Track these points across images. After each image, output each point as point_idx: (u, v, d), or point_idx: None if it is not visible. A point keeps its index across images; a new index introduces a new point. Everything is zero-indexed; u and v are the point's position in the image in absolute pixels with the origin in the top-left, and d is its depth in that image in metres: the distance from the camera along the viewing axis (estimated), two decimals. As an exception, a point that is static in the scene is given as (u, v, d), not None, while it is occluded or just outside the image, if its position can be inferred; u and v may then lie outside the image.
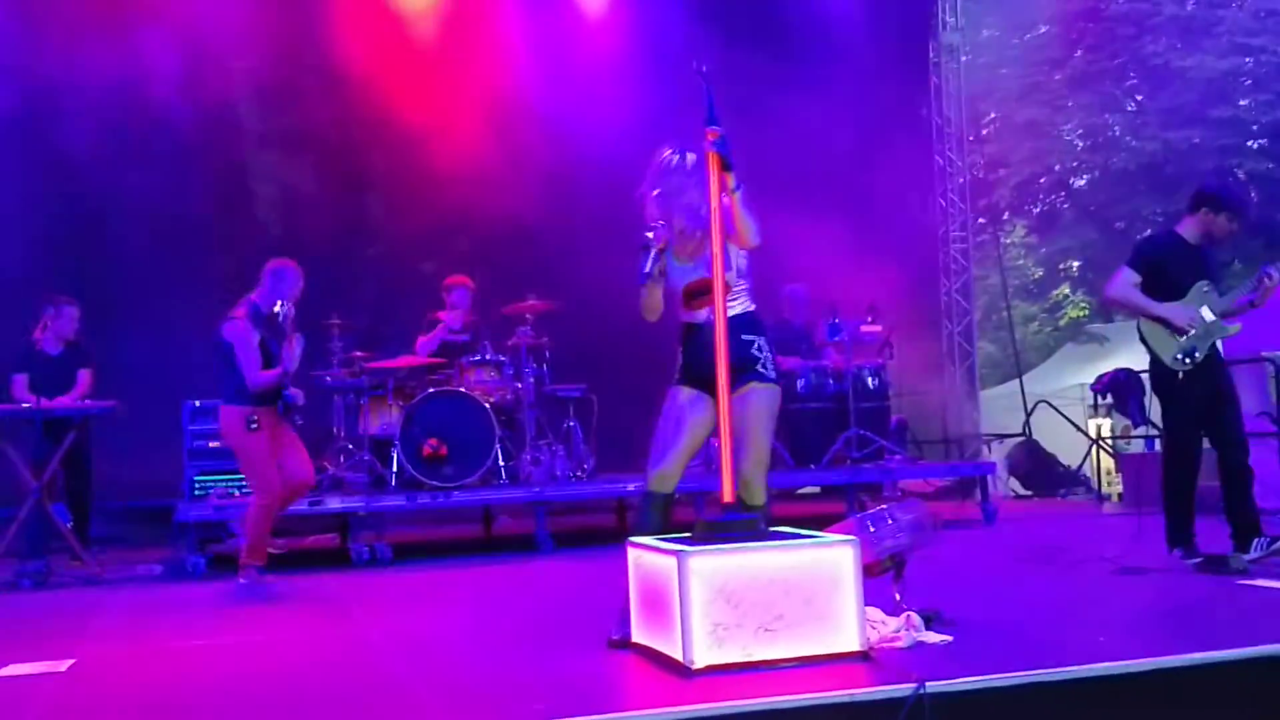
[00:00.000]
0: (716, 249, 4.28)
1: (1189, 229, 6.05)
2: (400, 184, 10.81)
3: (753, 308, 4.54)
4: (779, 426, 9.41)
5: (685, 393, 4.53)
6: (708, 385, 4.40)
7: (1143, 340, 6.03)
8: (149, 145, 10.05)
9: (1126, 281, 5.98)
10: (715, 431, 4.38)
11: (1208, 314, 5.88)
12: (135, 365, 8.98)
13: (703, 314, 4.47)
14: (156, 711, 3.78)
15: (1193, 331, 5.86)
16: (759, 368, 4.42)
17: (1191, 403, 5.93)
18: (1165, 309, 5.89)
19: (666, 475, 4.48)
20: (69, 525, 8.00)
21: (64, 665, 4.50)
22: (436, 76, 10.64)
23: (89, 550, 7.91)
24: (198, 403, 8.81)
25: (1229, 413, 5.95)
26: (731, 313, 4.35)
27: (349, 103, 10.56)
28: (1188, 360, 5.85)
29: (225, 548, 8.23)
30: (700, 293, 4.44)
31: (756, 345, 4.44)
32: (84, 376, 8.19)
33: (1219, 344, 5.99)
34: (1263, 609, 4.85)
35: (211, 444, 8.72)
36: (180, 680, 4.28)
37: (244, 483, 8.14)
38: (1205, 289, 5.94)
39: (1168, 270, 5.97)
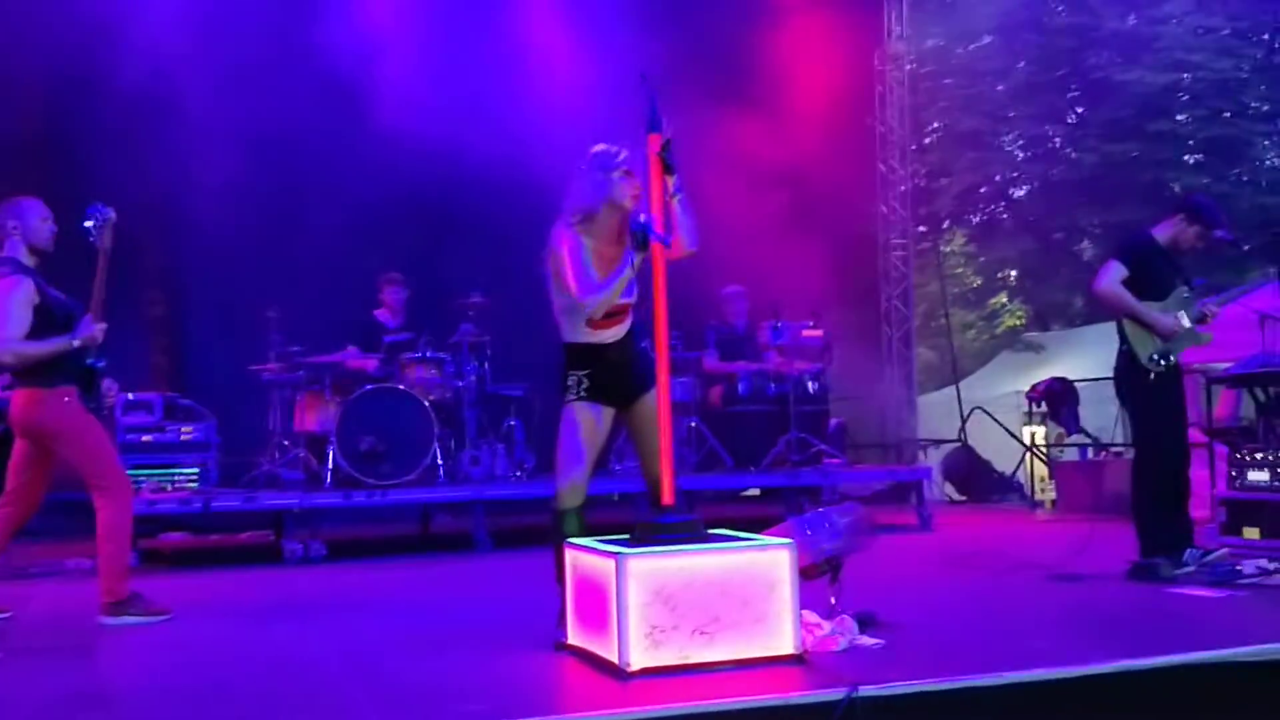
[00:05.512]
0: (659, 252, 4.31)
1: (1162, 233, 6.09)
2: (341, 176, 10.67)
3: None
4: (719, 429, 9.55)
5: (588, 408, 4.66)
6: (616, 399, 4.65)
7: (1121, 334, 6.01)
8: (82, 132, 9.83)
9: (1116, 277, 5.93)
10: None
11: (1185, 320, 5.94)
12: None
13: (609, 333, 4.64)
14: (84, 707, 3.71)
15: (1176, 336, 5.91)
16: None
17: (1174, 402, 5.98)
18: (1151, 314, 5.89)
19: (577, 489, 4.64)
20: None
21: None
22: (381, 68, 10.53)
23: (15, 543, 7.73)
24: (130, 395, 8.66)
25: (1182, 421, 6.07)
26: (629, 327, 4.63)
27: (293, 93, 10.41)
28: (1162, 362, 5.88)
29: (157, 542, 8.09)
30: (614, 314, 4.60)
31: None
32: None
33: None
34: (1192, 617, 4.93)
35: (144, 438, 8.59)
36: (109, 676, 4.21)
37: (176, 477, 8.02)
38: (1185, 294, 6.00)
39: (1152, 270, 5.99)
